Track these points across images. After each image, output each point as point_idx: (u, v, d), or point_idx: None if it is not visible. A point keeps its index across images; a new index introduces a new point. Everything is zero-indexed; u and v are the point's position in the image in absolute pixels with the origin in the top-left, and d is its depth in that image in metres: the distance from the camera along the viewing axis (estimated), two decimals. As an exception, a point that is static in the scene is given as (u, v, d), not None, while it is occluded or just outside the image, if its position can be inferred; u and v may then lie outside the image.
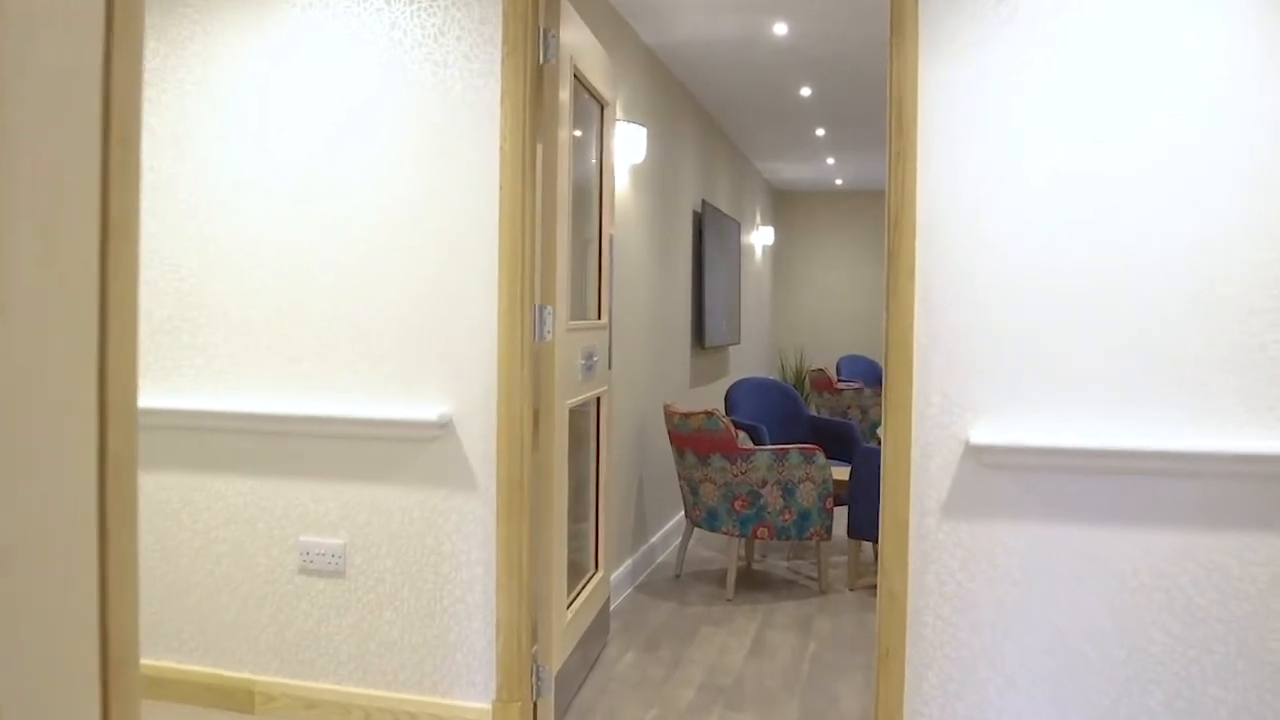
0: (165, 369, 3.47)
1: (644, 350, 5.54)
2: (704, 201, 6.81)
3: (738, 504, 5.03)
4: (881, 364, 2.98)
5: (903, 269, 2.86)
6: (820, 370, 9.87)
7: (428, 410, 3.19)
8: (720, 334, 7.45)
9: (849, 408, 9.68)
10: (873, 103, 6.85)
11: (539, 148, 3.29)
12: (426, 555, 3.26)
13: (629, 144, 4.85)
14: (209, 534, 3.45)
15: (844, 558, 5.80)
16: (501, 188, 3.13)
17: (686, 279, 6.62)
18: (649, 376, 5.67)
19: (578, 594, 3.85)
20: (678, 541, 6.25)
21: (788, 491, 5.02)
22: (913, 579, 2.92)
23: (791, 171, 10.38)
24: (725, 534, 5.10)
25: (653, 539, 5.75)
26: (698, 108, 6.92)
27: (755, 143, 8.68)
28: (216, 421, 3.39)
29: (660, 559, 5.84)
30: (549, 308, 3.25)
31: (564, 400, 3.39)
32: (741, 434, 5.23)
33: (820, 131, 7.93)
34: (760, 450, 5.00)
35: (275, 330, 3.36)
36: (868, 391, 9.61)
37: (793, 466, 5.01)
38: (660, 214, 5.85)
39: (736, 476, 5.00)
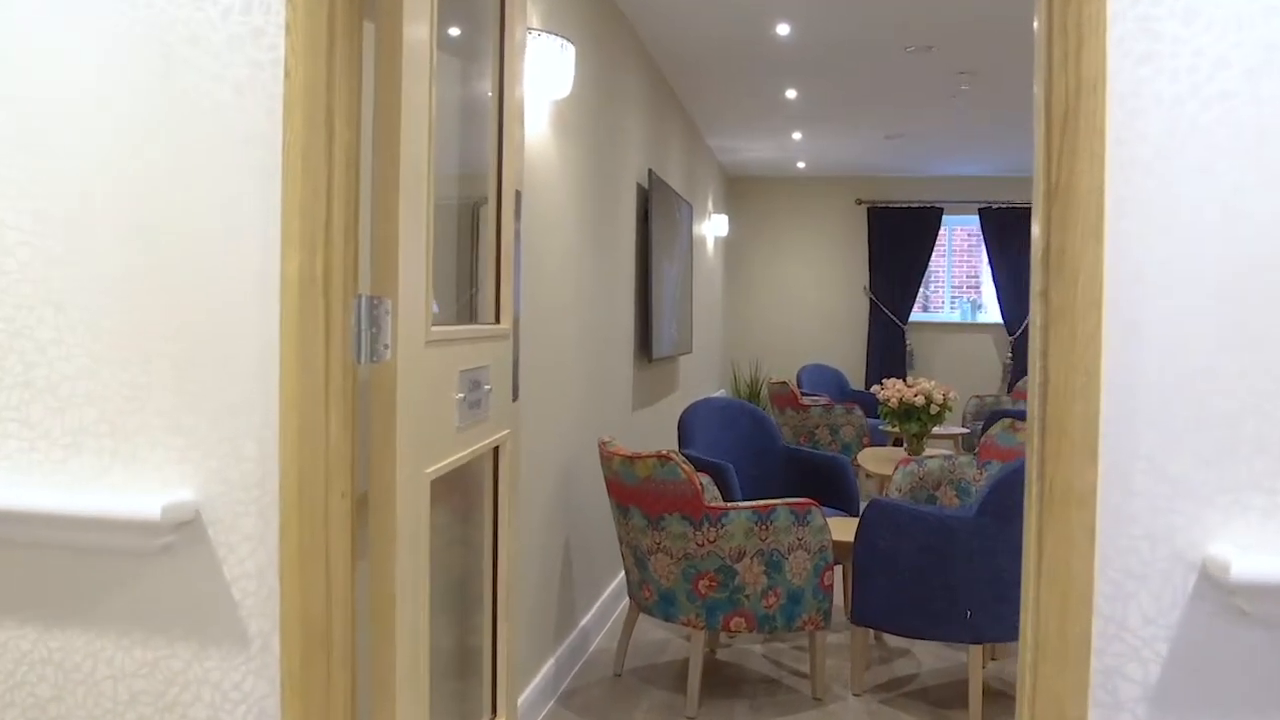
0: None
1: (572, 365, 4.07)
2: (651, 173, 5.35)
3: (703, 584, 3.57)
4: (857, 379, 1.53)
5: (1078, 220, 1.42)
6: (782, 383, 8.46)
7: (148, 498, 1.68)
8: (670, 342, 6.00)
9: (816, 427, 8.29)
10: (869, 43, 5.45)
11: (368, 25, 1.80)
12: (159, 761, 1.75)
13: (549, 65, 3.37)
14: None
15: (841, 635, 4.37)
16: (288, 74, 1.64)
17: (630, 271, 5.15)
18: (579, 400, 4.20)
19: (459, 771, 2.37)
20: (620, 610, 4.77)
21: (773, 565, 3.58)
22: (1090, 837, 1.48)
23: (748, 151, 8.97)
24: (685, 625, 3.64)
25: (584, 620, 4.27)
26: (642, 50, 5.46)
27: (709, 109, 7.26)
28: None
29: (595, 646, 4.36)
30: (386, 303, 1.76)
31: (422, 465, 1.91)
32: (703, 478, 3.79)
33: (791, 93, 6.50)
34: (735, 509, 3.55)
35: (-113, 344, 1.82)
36: (838, 408, 8.23)
37: (780, 530, 3.58)
38: (594, 179, 4.39)
39: (702, 546, 3.55)
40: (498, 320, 2.57)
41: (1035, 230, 1.47)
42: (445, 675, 2.58)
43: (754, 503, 3.58)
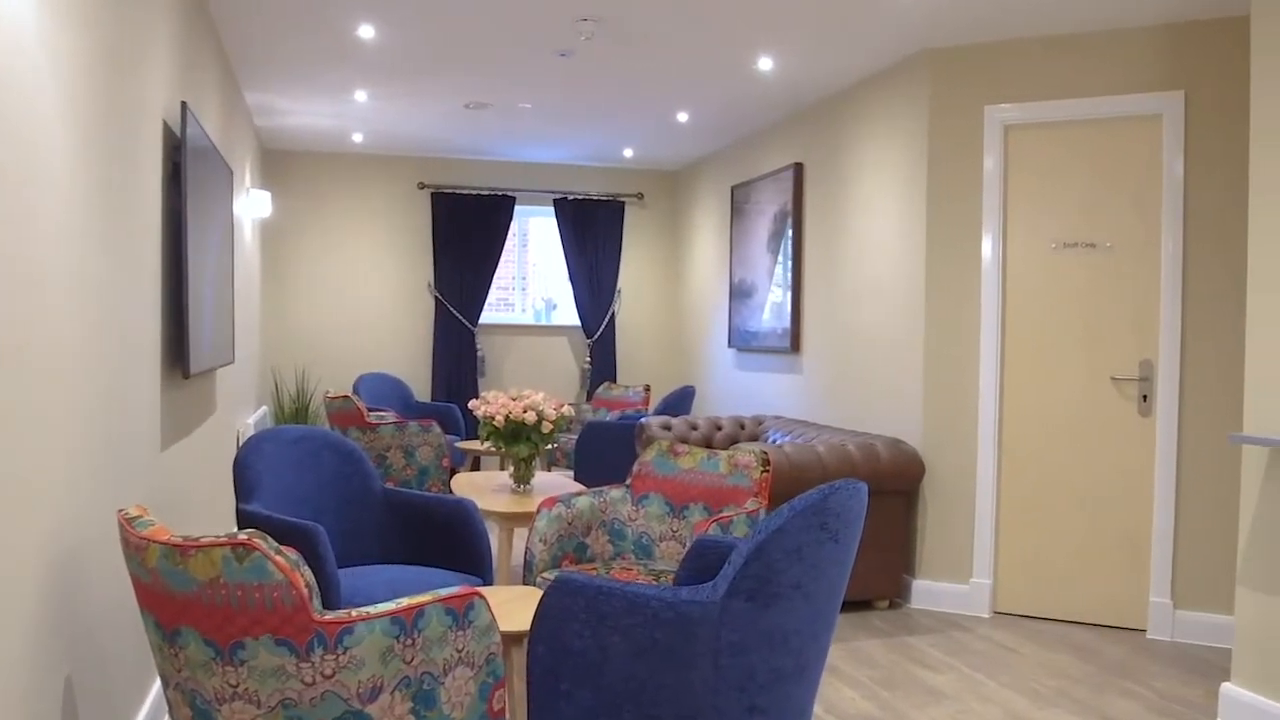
0: None
1: (70, 390, 2.49)
2: (186, 109, 3.76)
3: (313, 744, 2.22)
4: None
5: None
6: (344, 397, 7.04)
7: None
8: (211, 351, 4.40)
9: (389, 449, 6.98)
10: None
11: None
12: None
13: None
14: None
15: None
16: None
17: (154, 249, 3.55)
18: (82, 442, 2.62)
19: None
20: (148, 759, 3.19)
21: (424, 698, 2.31)
22: None
23: (295, 114, 7.38)
24: (282, 811, 2.26)
25: (97, 797, 2.69)
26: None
27: (254, 47, 5.68)
28: None
29: (115, 829, 2.78)
30: None
31: None
32: (291, 555, 2.41)
33: (367, 30, 5.12)
34: (365, 620, 2.23)
35: None
36: (412, 425, 6.98)
37: (431, 642, 2.32)
38: (102, 94, 2.80)
39: (313, 684, 2.19)
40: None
41: None
42: None
43: (392, 606, 2.28)
